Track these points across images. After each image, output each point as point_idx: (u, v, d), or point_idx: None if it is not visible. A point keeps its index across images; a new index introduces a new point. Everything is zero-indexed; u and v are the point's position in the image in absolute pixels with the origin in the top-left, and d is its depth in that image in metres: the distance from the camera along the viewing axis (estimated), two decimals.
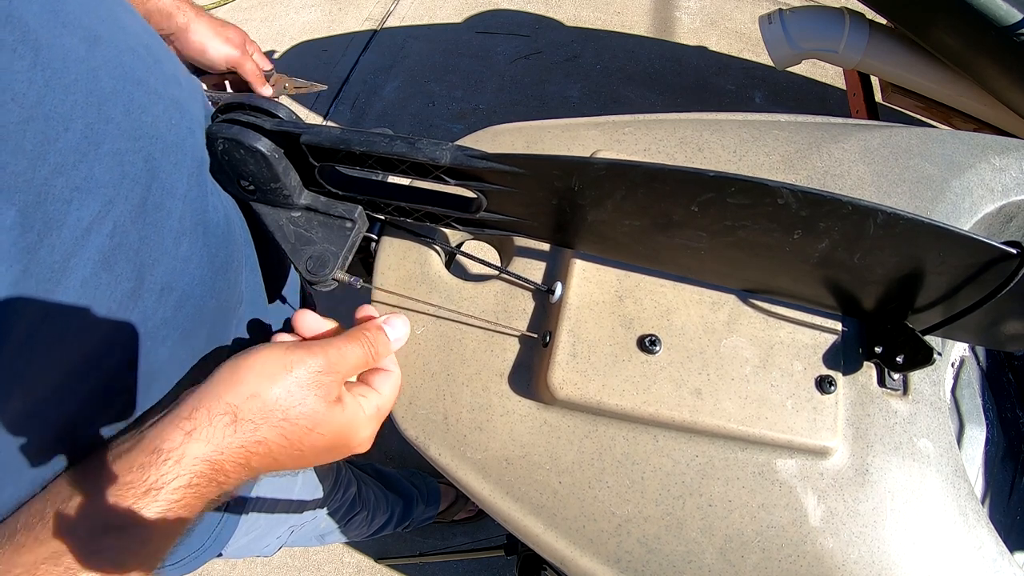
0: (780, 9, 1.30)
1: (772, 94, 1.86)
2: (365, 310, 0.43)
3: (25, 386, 0.31)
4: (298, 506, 0.75)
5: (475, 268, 0.50)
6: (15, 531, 0.29)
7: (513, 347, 0.44)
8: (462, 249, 0.48)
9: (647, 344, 0.42)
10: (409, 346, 0.45)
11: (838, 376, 0.42)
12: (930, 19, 1.03)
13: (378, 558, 1.29)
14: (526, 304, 0.46)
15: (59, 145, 0.30)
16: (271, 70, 0.66)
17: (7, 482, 0.33)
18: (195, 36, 0.59)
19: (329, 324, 0.41)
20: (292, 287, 0.63)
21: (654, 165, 0.35)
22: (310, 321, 0.40)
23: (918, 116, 1.33)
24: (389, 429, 0.44)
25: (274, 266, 0.57)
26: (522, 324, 0.45)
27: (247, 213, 0.49)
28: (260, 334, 0.53)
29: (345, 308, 0.45)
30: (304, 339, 0.40)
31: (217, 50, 0.61)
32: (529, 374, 0.43)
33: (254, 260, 0.51)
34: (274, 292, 0.57)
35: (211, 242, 0.42)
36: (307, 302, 0.67)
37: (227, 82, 0.65)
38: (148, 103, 0.37)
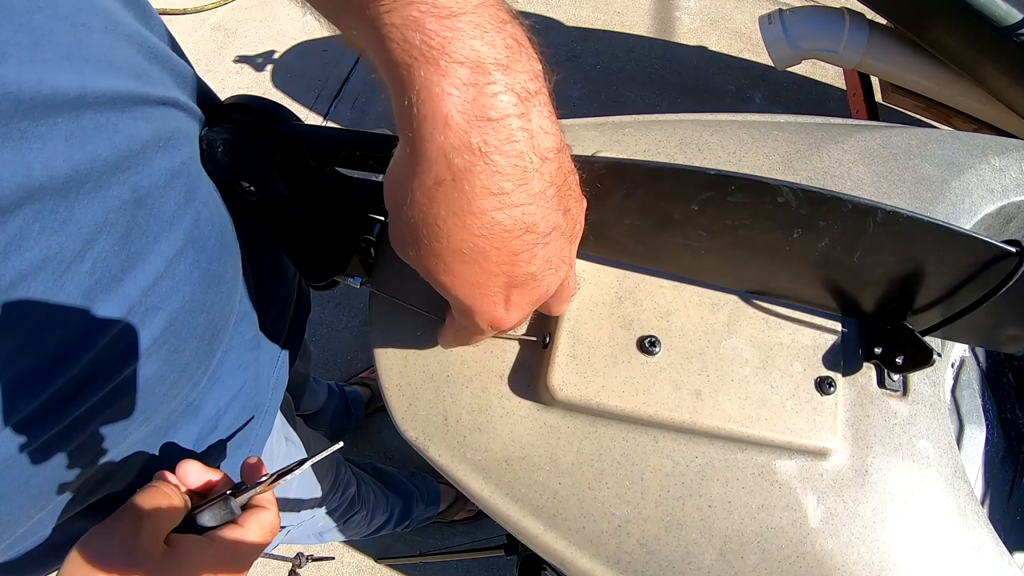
0: (780, 9, 1.30)
1: (772, 94, 1.86)
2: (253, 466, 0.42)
3: (8, 410, 0.31)
4: (295, 504, 0.75)
5: None
6: None
7: (512, 348, 0.44)
8: None
9: (647, 345, 0.42)
10: (409, 347, 0.45)
11: (838, 377, 0.42)
12: (930, 19, 1.03)
13: (378, 558, 1.29)
14: None
15: (39, 194, 0.28)
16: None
17: (13, 493, 0.33)
18: None
19: (214, 475, 0.41)
20: (288, 293, 0.63)
21: (654, 164, 0.35)
22: (193, 473, 0.39)
23: (918, 116, 1.34)
24: (389, 429, 0.44)
25: (269, 271, 0.56)
26: (521, 325, 0.45)
27: (245, 217, 0.49)
28: (249, 344, 0.52)
29: (344, 308, 0.45)
30: (189, 489, 0.39)
31: None
32: (529, 375, 0.43)
33: (247, 269, 0.51)
34: (269, 298, 0.57)
35: (202, 258, 0.41)
36: (302, 303, 0.67)
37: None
38: (136, 130, 0.35)
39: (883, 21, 1.21)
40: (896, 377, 0.43)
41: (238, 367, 0.51)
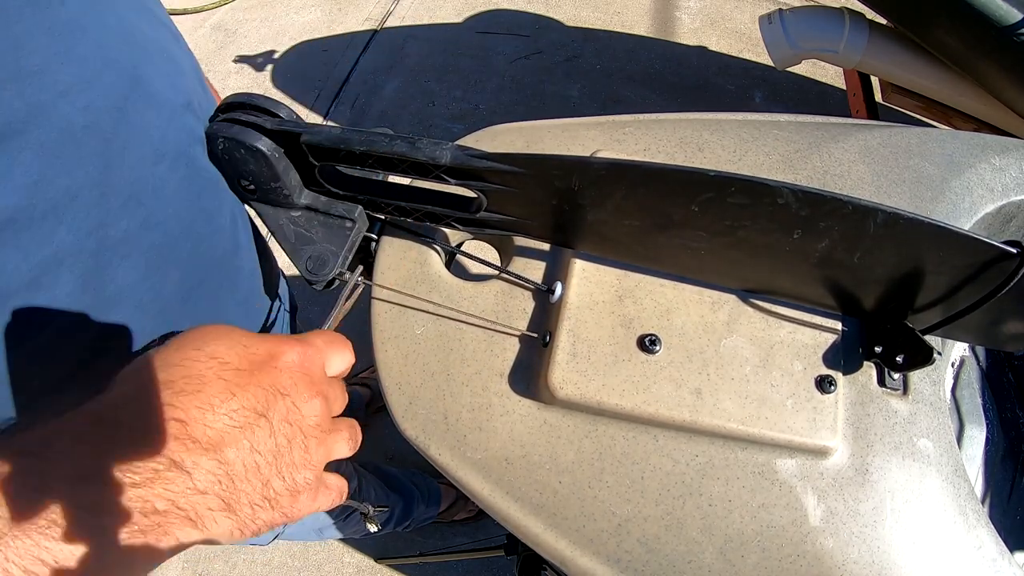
0: (780, 9, 1.30)
1: (772, 94, 1.86)
2: None
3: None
4: None
5: (475, 268, 0.50)
6: None
7: (513, 347, 0.44)
8: (462, 249, 0.48)
9: (647, 344, 0.42)
10: (409, 345, 0.45)
11: (838, 376, 0.42)
12: (930, 19, 1.03)
13: (378, 558, 1.29)
14: (526, 304, 0.46)
15: (52, 10, 0.31)
16: None
17: None
18: None
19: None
20: (277, 283, 0.63)
21: (654, 165, 0.35)
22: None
23: (918, 116, 1.34)
24: (390, 429, 0.44)
25: (261, 252, 0.57)
26: (522, 324, 0.45)
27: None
28: (243, 313, 0.52)
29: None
30: None
31: None
32: (529, 374, 0.43)
33: (249, 234, 0.51)
34: (271, 281, 0.57)
35: (195, 181, 0.42)
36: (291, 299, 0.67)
37: None
38: (146, 27, 0.39)
39: (883, 21, 1.21)
40: (896, 376, 0.43)
41: None
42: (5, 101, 0.30)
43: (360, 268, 0.44)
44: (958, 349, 0.61)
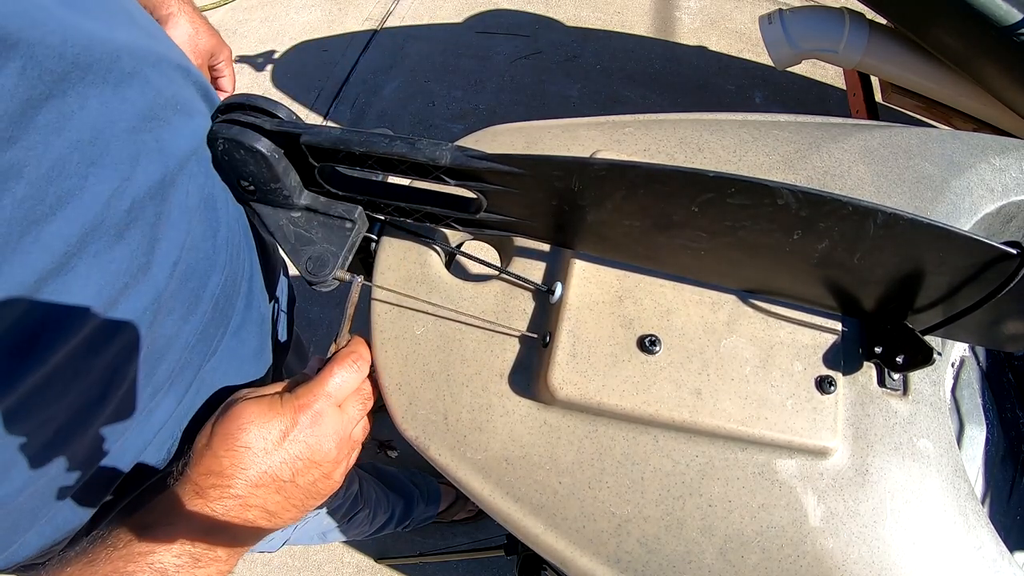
0: (780, 9, 1.30)
1: (772, 94, 1.86)
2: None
3: (30, 363, 0.31)
4: None
5: (475, 268, 0.50)
6: None
7: (513, 347, 0.44)
8: (462, 249, 0.48)
9: (647, 344, 0.42)
10: (409, 346, 0.45)
11: (838, 376, 0.42)
12: (930, 19, 1.03)
13: (378, 558, 1.29)
14: (526, 304, 0.46)
15: (74, 122, 0.31)
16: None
17: (16, 464, 0.34)
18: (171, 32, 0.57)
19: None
20: (277, 278, 0.64)
21: (654, 165, 0.35)
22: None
23: (918, 116, 1.33)
24: (390, 429, 0.44)
25: (267, 257, 0.57)
26: (522, 324, 0.45)
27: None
28: (258, 324, 0.53)
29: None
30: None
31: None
32: (529, 374, 0.43)
33: (252, 243, 0.52)
34: (269, 282, 0.58)
35: (211, 217, 0.43)
36: (290, 295, 0.68)
37: None
38: (161, 85, 0.39)
39: (883, 21, 1.21)
40: (896, 376, 0.43)
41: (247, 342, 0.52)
42: (57, 233, 0.30)
43: (361, 273, 0.44)
44: (958, 349, 0.61)
